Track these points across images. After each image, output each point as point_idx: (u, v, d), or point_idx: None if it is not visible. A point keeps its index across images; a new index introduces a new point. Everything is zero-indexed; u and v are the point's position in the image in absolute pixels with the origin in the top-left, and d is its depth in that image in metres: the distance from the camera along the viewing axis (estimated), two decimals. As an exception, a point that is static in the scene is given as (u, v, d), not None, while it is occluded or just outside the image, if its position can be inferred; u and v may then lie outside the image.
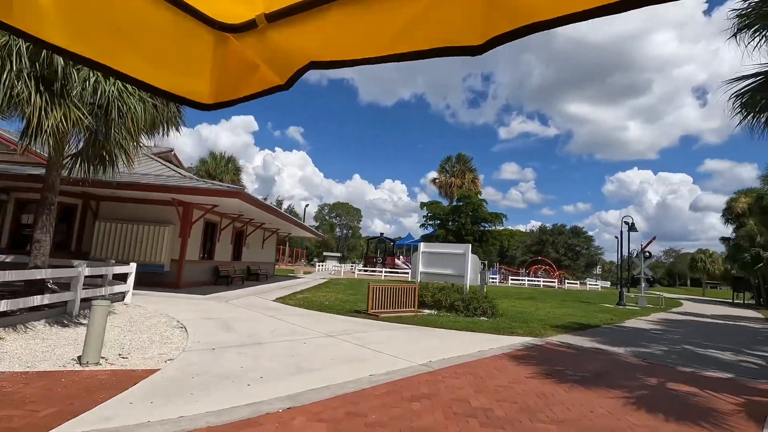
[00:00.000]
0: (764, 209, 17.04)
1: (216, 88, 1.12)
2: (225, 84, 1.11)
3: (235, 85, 1.11)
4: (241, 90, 1.11)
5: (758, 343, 10.92)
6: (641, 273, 23.82)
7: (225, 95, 1.13)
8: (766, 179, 17.22)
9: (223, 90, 1.12)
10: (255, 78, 1.08)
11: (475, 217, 22.48)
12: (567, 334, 9.81)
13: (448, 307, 12.39)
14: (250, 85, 1.10)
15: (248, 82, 1.10)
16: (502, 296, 23.05)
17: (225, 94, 1.13)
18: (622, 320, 14.02)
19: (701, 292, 64.39)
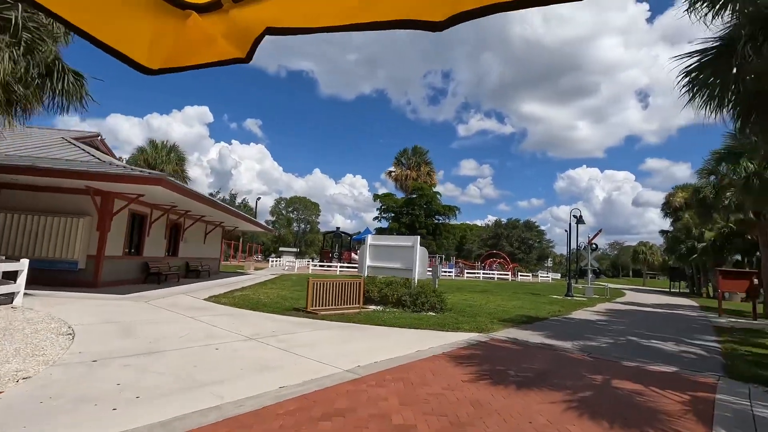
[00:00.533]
0: (701, 201, 17.73)
1: (165, 54, 1.08)
2: (177, 51, 1.09)
3: (187, 53, 1.09)
4: (192, 58, 1.09)
5: (695, 331, 11.09)
6: (588, 265, 24.43)
7: (173, 61, 1.10)
8: (702, 172, 17.87)
9: (174, 57, 1.09)
10: (211, 49, 1.07)
11: (429, 210, 22.03)
12: (514, 329, 9.44)
13: (395, 302, 11.75)
14: (204, 55, 1.08)
15: (202, 52, 1.08)
16: (455, 290, 22.88)
17: (173, 60, 1.10)
18: (570, 312, 14.01)
19: (642, 282, 68.46)
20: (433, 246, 21.62)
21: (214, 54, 1.07)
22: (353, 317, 9.67)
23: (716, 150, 14.11)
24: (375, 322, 9.09)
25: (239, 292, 13.77)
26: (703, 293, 34.75)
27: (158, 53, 1.07)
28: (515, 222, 73.75)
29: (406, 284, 12.34)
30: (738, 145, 13.84)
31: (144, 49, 1.05)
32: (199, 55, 1.08)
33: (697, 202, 18.16)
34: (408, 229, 22.01)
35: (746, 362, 6.99)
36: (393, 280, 12.63)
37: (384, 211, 23.30)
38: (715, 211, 17.93)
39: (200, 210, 17.11)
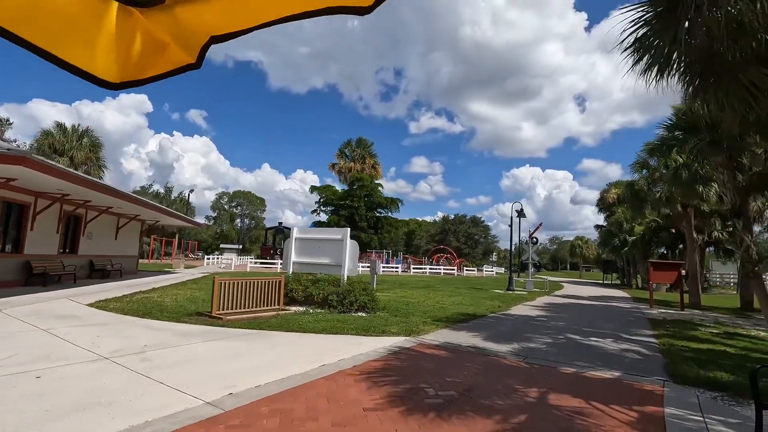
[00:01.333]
0: (634, 194, 18.02)
1: (123, 66, 1.05)
2: (133, 62, 1.06)
3: (144, 63, 1.07)
4: (149, 69, 1.09)
5: (631, 325, 10.81)
6: (529, 258, 24.50)
7: (133, 74, 1.07)
8: (635, 166, 18.18)
9: (131, 69, 1.07)
10: (164, 57, 1.08)
11: (371, 202, 20.88)
12: (447, 329, 8.49)
13: (320, 302, 10.46)
14: (159, 64, 1.09)
15: (157, 61, 1.08)
16: (398, 286, 21.98)
17: (133, 73, 1.07)
18: (509, 307, 13.46)
19: (578, 274, 72.07)
20: (374, 241, 20.50)
21: (168, 62, 1.08)
22: (266, 322, 8.27)
23: (649, 142, 14.15)
24: (289, 327, 7.76)
25: (142, 295, 11.82)
26: (633, 284, 36.61)
27: (116, 66, 1.04)
28: (462, 217, 74.91)
29: (336, 282, 11.10)
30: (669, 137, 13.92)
31: (103, 63, 1.02)
32: (155, 65, 1.08)
33: (631, 195, 18.50)
34: (347, 223, 20.77)
35: (686, 360, 6.45)
36: (320, 278, 11.33)
37: (323, 204, 21.86)
38: (647, 204, 18.32)
39: (102, 200, 14.77)
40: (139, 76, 1.08)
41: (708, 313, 15.07)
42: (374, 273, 16.35)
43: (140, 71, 1.07)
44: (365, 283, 11.32)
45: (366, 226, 20.65)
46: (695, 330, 10.11)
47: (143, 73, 1.08)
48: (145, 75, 1.08)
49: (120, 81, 1.06)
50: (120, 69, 1.05)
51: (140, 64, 1.06)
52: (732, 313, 15.85)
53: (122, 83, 1.07)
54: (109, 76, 1.04)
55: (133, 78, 1.07)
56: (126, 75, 1.06)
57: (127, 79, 1.07)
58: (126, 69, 1.05)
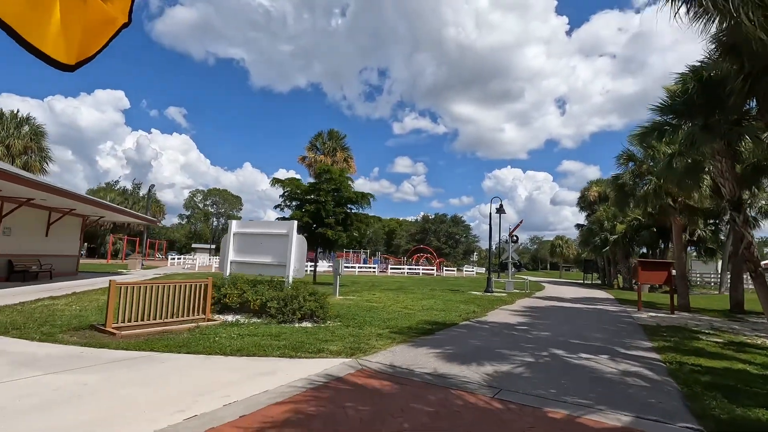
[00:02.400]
0: (619, 187, 16.76)
1: (77, 46, 1.09)
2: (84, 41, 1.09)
3: (92, 39, 1.10)
4: (97, 43, 1.11)
5: (624, 333, 9.35)
6: (509, 258, 23.12)
7: (85, 52, 1.10)
8: (620, 159, 16.94)
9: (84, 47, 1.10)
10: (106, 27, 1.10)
11: (340, 198, 19.07)
12: (406, 345, 6.80)
13: (257, 310, 8.65)
14: (102, 35, 1.10)
15: (101, 33, 1.10)
16: (369, 287, 20.27)
17: (85, 51, 1.10)
18: (486, 312, 11.88)
19: (559, 274, 71.75)
20: (342, 238, 18.67)
21: (109, 31, 1.08)
22: (175, 338, 6.43)
23: (640, 126, 12.78)
24: (197, 346, 5.94)
25: (47, 302, 9.78)
26: (615, 284, 35.79)
27: (72, 46, 1.06)
28: (442, 217, 73.71)
29: (280, 285, 9.30)
30: (661, 122, 12.58)
31: (61, 44, 1.04)
32: (100, 37, 1.09)
33: (616, 190, 17.23)
34: (313, 219, 18.89)
35: (707, 389, 4.91)
36: (262, 280, 9.51)
37: (288, 198, 19.91)
38: (633, 199, 17.09)
39: (16, 191, 12.58)
40: (88, 54, 1.10)
41: (699, 317, 13.84)
42: (337, 274, 14.64)
43: (90, 48, 1.10)
44: (314, 286, 9.54)
45: (334, 223, 18.80)
46: (696, 339, 8.69)
47: (92, 49, 1.10)
48: (95, 50, 1.10)
49: (75, 62, 1.08)
50: (75, 50, 1.07)
51: (89, 40, 1.09)
52: (723, 315, 14.69)
53: (77, 63, 1.09)
54: (65, 59, 1.05)
55: (85, 56, 1.10)
56: (81, 54, 1.09)
57: (81, 58, 1.10)
58: (80, 49, 1.08)
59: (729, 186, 11.19)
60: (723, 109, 10.99)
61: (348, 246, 19.95)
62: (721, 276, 28.73)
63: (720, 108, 11.07)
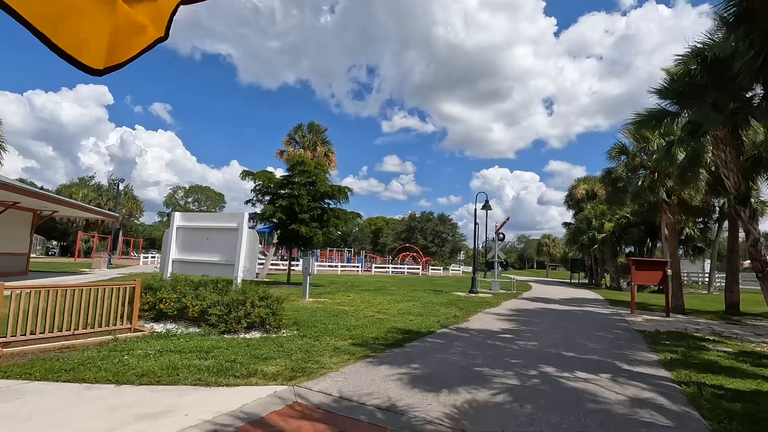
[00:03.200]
0: (612, 182, 15.77)
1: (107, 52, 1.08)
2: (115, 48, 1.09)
3: (124, 47, 1.10)
4: (128, 52, 1.10)
5: (623, 343, 8.24)
6: (495, 256, 22.05)
7: (114, 59, 1.10)
8: (612, 152, 15.96)
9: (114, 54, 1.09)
10: (140, 37, 1.09)
11: (315, 192, 17.73)
12: (366, 362, 5.55)
13: (197, 318, 7.31)
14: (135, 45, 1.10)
15: (134, 43, 1.10)
16: (347, 288, 18.99)
17: (114, 57, 1.09)
18: (468, 316, 10.70)
19: (545, 273, 71.35)
20: (318, 236, 17.34)
21: (143, 41, 1.08)
22: (75, 356, 5.09)
23: (637, 114, 11.71)
24: (92, 370, 4.60)
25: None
26: (602, 284, 35.10)
27: (100, 52, 1.06)
28: (429, 215, 72.58)
29: (228, 288, 7.97)
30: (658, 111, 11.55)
31: (92, 51, 1.05)
32: (132, 47, 1.08)
33: (609, 183, 16.22)
34: (286, 215, 17.54)
35: (747, 426, 3.77)
36: (208, 282, 8.16)
37: (261, 192, 18.49)
38: (625, 194, 16.12)
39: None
40: (119, 60, 1.09)
41: (696, 320, 12.90)
42: (307, 274, 13.34)
43: (121, 55, 1.09)
44: (281, 288, 8.21)
45: (308, 219, 17.47)
46: (704, 350, 7.62)
47: (123, 56, 1.09)
48: (125, 58, 1.10)
49: (104, 67, 1.08)
50: (105, 56, 1.06)
51: (121, 48, 1.08)
52: (720, 318, 13.79)
53: (105, 69, 1.09)
54: (96, 64, 1.06)
55: (114, 62, 1.09)
56: (109, 60, 1.08)
57: (110, 65, 1.09)
58: (109, 55, 1.07)
59: (734, 177, 10.19)
60: (729, 90, 9.98)
61: (326, 244, 18.65)
62: (709, 275, 28.19)
63: (726, 89, 10.05)
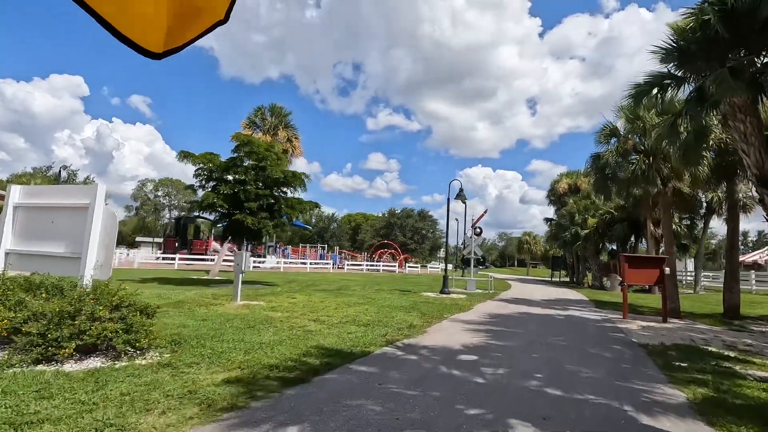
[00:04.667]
0: (600, 169, 13.83)
1: (166, 35, 1.08)
2: (173, 31, 1.08)
3: (183, 30, 1.08)
4: (186, 35, 1.09)
5: (631, 368, 6.17)
6: (471, 253, 20.00)
7: (173, 42, 1.09)
8: (601, 134, 14.03)
9: (172, 37, 1.08)
10: (199, 20, 1.08)
11: (266, 178, 15.28)
12: (212, 426, 3.26)
13: (6, 336, 4.89)
14: (194, 28, 1.09)
15: (192, 26, 1.09)
16: (301, 288, 16.64)
17: (173, 41, 1.09)
18: (427, 326, 8.51)
19: (526, 271, 70.24)
20: (269, 227, 14.95)
21: (202, 24, 1.06)
22: None
23: (635, 85, 9.70)
24: None
25: None
26: (584, 283, 33.59)
27: (159, 35, 1.06)
28: (409, 211, 70.57)
29: (70, 289, 5.54)
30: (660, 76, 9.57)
31: (148, 33, 1.04)
32: (191, 29, 1.07)
33: (597, 170, 14.28)
34: (230, 204, 15.09)
35: None
36: (45, 282, 5.70)
37: (207, 178, 15.97)
38: (614, 181, 14.21)
39: None
40: (177, 43, 1.09)
41: (696, 325, 11.06)
42: (239, 272, 10.96)
43: (179, 38, 1.08)
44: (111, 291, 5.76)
45: (256, 208, 15.03)
46: (735, 376, 5.58)
47: (181, 39, 1.08)
48: (184, 41, 1.08)
49: (162, 51, 1.08)
50: (164, 39, 1.06)
51: (179, 31, 1.07)
52: (720, 322, 12.01)
53: (164, 52, 1.09)
54: (155, 47, 1.06)
55: (173, 46, 1.09)
56: (168, 43, 1.08)
57: (169, 47, 1.09)
58: (168, 38, 1.07)
59: (755, 154, 8.23)
60: (753, 47, 8.01)
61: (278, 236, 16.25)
62: (695, 274, 26.88)
63: (749, 46, 8.08)
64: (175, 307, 9.15)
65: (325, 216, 74.02)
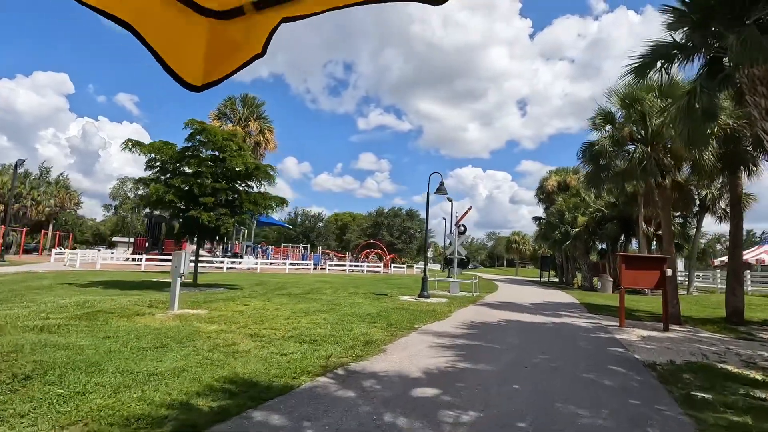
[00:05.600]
0: (594, 157, 12.53)
1: (206, 69, 1.10)
2: (212, 65, 1.10)
3: (219, 64, 1.10)
4: (225, 68, 1.11)
5: (642, 404, 4.76)
6: (454, 252, 18.61)
7: (212, 76, 1.11)
8: (596, 120, 12.73)
9: (211, 71, 1.10)
10: (237, 55, 1.09)
11: (226, 170, 13.70)
12: None
13: None
14: (232, 62, 1.10)
15: (230, 60, 1.11)
16: (270, 290, 15.13)
17: (212, 74, 1.10)
18: (391, 340, 7.03)
19: (515, 271, 69.26)
20: (228, 225, 13.37)
21: (240, 57, 1.08)
22: None
23: (636, 56, 8.35)
24: None
25: None
26: (574, 284, 32.48)
27: (198, 69, 1.08)
28: (397, 211, 69.11)
29: None
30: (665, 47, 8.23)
31: (188, 65, 1.07)
32: (229, 63, 1.09)
33: (590, 159, 12.91)
34: (184, 199, 13.49)
35: None
36: None
37: (161, 169, 14.30)
38: (608, 172, 12.89)
39: None
40: (216, 77, 1.10)
41: (701, 333, 9.82)
42: (177, 276, 9.43)
43: (216, 73, 1.09)
44: None
45: (213, 203, 13.43)
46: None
47: (221, 73, 1.09)
48: (220, 75, 1.10)
49: (201, 84, 1.10)
50: (203, 72, 1.09)
51: (216, 66, 1.09)
52: (725, 329, 10.78)
53: (203, 85, 1.10)
54: (195, 80, 1.08)
55: (211, 79, 1.10)
56: (207, 77, 1.09)
57: (208, 81, 1.10)
58: (207, 72, 1.09)
59: (783, 134, 6.93)
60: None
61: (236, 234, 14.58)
62: (689, 275, 25.88)
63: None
64: (88, 319, 7.55)
65: (311, 215, 72.20)
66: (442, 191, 15.03)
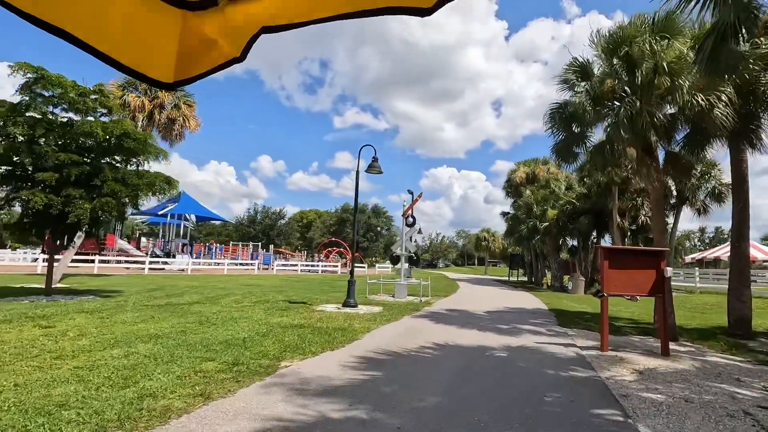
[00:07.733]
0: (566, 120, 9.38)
1: (175, 66, 1.07)
2: (183, 62, 1.07)
3: (193, 61, 1.08)
4: (199, 66, 1.08)
5: None
6: (402, 248, 15.34)
7: (183, 73, 1.08)
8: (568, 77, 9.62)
9: (182, 68, 1.08)
10: (212, 54, 1.06)
11: (77, 136, 9.87)
12: None
13: None
14: (207, 61, 1.07)
15: (205, 58, 1.07)
16: (164, 297, 11.41)
17: (183, 72, 1.08)
18: (194, 407, 3.66)
19: (484, 270, 67.09)
20: (84, 211, 9.42)
21: (215, 58, 1.05)
22: None
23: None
24: None
25: None
26: (544, 283, 29.94)
27: (169, 67, 1.05)
28: (362, 207, 65.63)
29: None
30: None
31: (158, 65, 1.03)
32: (203, 63, 1.06)
33: (561, 123, 9.80)
34: (12, 177, 9.64)
35: None
36: None
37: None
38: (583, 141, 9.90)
39: None
40: (188, 75, 1.08)
41: (711, 358, 6.89)
42: None
43: (190, 70, 1.07)
44: None
45: (55, 181, 9.58)
46: None
47: (192, 72, 1.07)
48: (194, 73, 1.07)
49: (173, 81, 1.07)
50: (173, 69, 1.05)
51: (190, 63, 1.06)
52: (737, 348, 7.92)
53: (175, 82, 1.07)
54: (164, 77, 1.05)
55: (183, 77, 1.08)
56: (178, 75, 1.07)
57: (179, 79, 1.08)
58: (178, 69, 1.06)
59: None
60: None
61: (100, 223, 10.87)
62: (665, 272, 23.72)
63: None
64: None
65: (271, 212, 67.81)
66: (374, 169, 11.72)
